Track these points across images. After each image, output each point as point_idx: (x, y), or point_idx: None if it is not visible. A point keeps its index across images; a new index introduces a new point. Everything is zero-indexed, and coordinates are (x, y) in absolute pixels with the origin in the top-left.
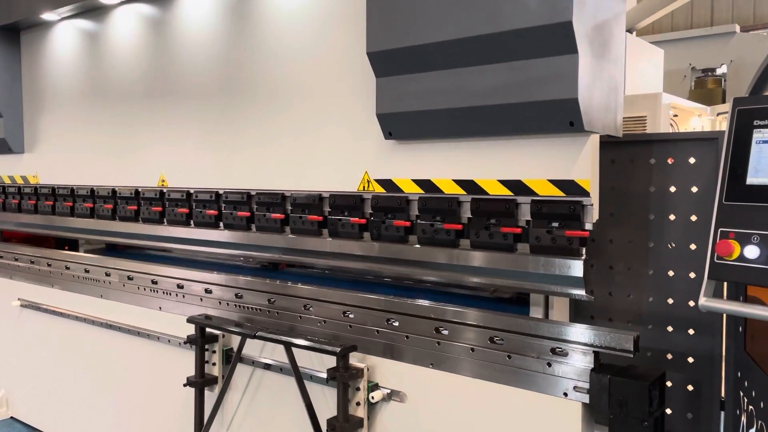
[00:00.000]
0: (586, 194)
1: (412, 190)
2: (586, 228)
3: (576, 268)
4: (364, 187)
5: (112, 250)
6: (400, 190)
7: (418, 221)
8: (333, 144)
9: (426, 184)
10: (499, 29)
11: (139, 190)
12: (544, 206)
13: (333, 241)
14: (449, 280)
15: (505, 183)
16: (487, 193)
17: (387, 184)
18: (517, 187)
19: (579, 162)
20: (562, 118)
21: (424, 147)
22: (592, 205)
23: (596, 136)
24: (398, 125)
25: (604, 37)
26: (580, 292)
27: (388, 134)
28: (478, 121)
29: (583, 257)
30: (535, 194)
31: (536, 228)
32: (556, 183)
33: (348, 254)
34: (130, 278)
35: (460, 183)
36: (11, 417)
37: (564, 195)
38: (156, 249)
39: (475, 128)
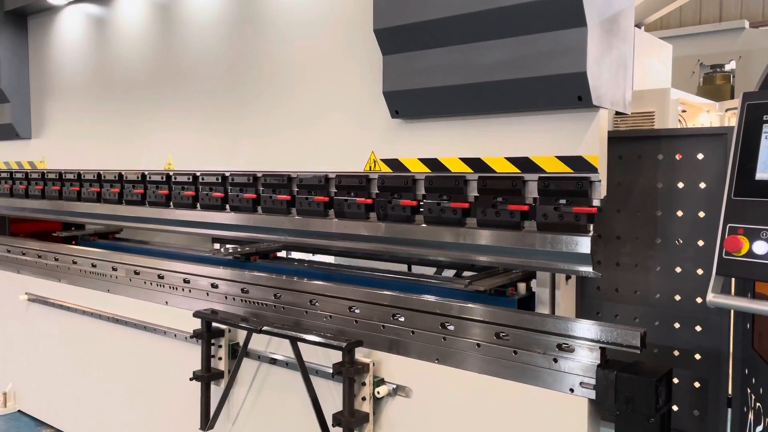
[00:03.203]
0: (594, 170)
1: (419, 169)
2: (594, 204)
3: (583, 244)
4: (370, 167)
5: (104, 238)
6: (406, 170)
7: (425, 200)
8: (339, 124)
9: (433, 163)
10: (507, 3)
11: (146, 173)
12: (552, 183)
13: (339, 222)
14: (456, 259)
15: (513, 160)
16: (494, 171)
17: (393, 163)
18: (524, 164)
19: (587, 138)
20: (570, 92)
21: (431, 125)
22: (600, 181)
23: (605, 111)
24: (405, 103)
25: (612, 11)
26: (587, 269)
27: (395, 113)
28: (485, 97)
29: (591, 234)
30: (543, 171)
31: (543, 205)
32: (564, 159)
33: (354, 235)
34: (136, 273)
35: (467, 161)
36: (18, 410)
37: (572, 171)
38: (138, 240)
39: (483, 104)
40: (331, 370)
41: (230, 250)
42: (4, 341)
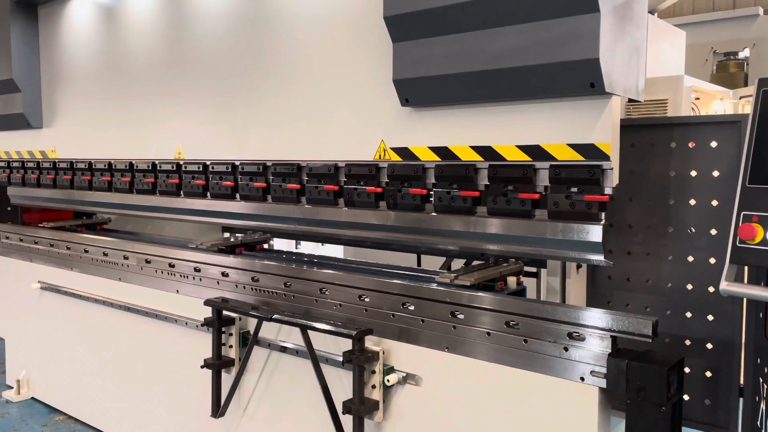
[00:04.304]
0: (606, 158)
1: (429, 157)
2: (606, 192)
3: (595, 232)
4: (380, 155)
5: (91, 228)
6: (416, 158)
7: (435, 189)
8: (349, 113)
9: (443, 152)
10: None
11: (156, 162)
12: (563, 171)
13: (349, 211)
14: (466, 248)
15: (524, 148)
16: (505, 159)
17: (403, 152)
18: (535, 152)
19: (599, 125)
20: (582, 79)
21: (441, 113)
22: (612, 169)
23: (617, 98)
24: (415, 91)
25: None
26: (598, 257)
27: (405, 101)
28: (496, 85)
29: (602, 222)
30: (554, 159)
31: (555, 193)
32: (576, 147)
33: (364, 223)
34: (147, 261)
35: (478, 149)
36: (32, 397)
37: (583, 159)
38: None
39: (494, 92)
40: (341, 358)
41: (211, 243)
42: (18, 329)
